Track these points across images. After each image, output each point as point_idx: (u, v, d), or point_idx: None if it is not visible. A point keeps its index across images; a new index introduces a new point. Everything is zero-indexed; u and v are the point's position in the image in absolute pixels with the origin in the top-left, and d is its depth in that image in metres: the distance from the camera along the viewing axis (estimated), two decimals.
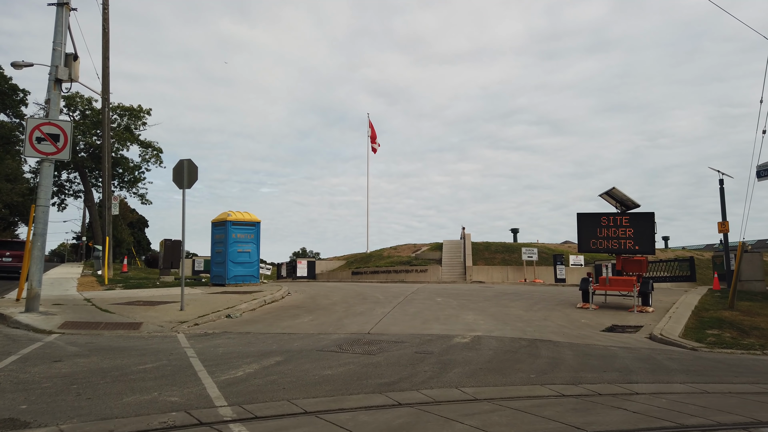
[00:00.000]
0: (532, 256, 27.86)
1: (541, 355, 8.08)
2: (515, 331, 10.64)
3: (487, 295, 18.27)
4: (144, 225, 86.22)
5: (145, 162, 43.63)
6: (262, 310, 12.44)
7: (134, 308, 11.82)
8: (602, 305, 15.78)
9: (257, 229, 18.55)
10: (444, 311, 13.33)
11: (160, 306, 12.13)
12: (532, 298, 17.59)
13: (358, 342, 8.76)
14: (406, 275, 28.74)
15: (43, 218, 10.67)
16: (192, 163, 11.58)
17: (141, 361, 6.95)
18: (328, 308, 13.09)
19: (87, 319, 10.37)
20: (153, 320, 10.41)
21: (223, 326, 10.35)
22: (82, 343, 8.31)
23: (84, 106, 39.32)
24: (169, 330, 9.73)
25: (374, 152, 41.86)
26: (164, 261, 21.41)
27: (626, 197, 15.90)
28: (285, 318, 11.46)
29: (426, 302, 15.11)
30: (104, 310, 11.41)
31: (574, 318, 13.50)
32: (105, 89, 24.36)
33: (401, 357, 7.51)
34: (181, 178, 11.51)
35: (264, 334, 9.53)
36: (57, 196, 43.74)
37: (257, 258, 18.58)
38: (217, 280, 18.35)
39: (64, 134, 10.78)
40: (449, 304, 14.79)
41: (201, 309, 11.71)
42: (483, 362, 7.37)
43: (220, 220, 18.37)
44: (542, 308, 15.06)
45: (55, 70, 10.79)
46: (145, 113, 41.48)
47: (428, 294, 17.68)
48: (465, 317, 12.47)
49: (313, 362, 7.06)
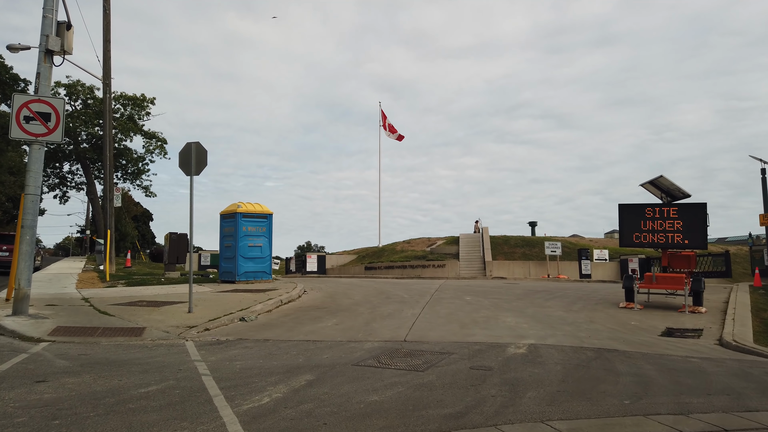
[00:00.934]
0: (556, 250, 26.51)
1: (619, 371, 6.76)
2: (568, 337, 9.34)
3: (516, 293, 16.96)
4: (148, 218, 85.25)
5: (149, 153, 42.39)
6: (279, 312, 11.17)
7: (136, 310, 10.57)
8: (646, 304, 14.45)
9: (269, 222, 17.27)
10: (479, 312, 12.03)
11: (165, 307, 10.88)
12: (566, 297, 16.27)
13: (397, 353, 7.48)
14: (423, 270, 27.44)
15: (33, 209, 9.40)
16: (200, 147, 10.28)
17: (143, 380, 5.68)
18: (351, 309, 11.81)
19: (82, 323, 9.12)
20: (158, 325, 9.15)
21: (237, 332, 9.09)
22: (74, 354, 7.05)
23: (86, 94, 38.07)
24: (176, 337, 8.47)
25: (400, 140, 40.39)
26: (169, 256, 20.16)
27: (675, 186, 14.50)
28: (306, 321, 10.18)
29: (455, 302, 13.82)
30: (103, 312, 10.16)
31: (621, 320, 12.19)
32: (106, 74, 23.08)
33: (456, 375, 6.22)
34: (188, 164, 10.22)
35: (285, 342, 8.25)
36: (59, 188, 42.63)
37: (269, 253, 17.30)
38: (226, 276, 17.09)
39: (56, 113, 9.49)
40: (481, 304, 13.50)
41: (211, 311, 10.45)
42: (557, 382, 6.07)
43: (229, 211, 17.09)
44: (582, 308, 13.75)
45: (45, 40, 9.48)
46: (148, 103, 40.18)
47: (454, 292, 16.38)
48: (504, 319, 11.18)
49: (352, 382, 5.77)
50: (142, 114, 40.76)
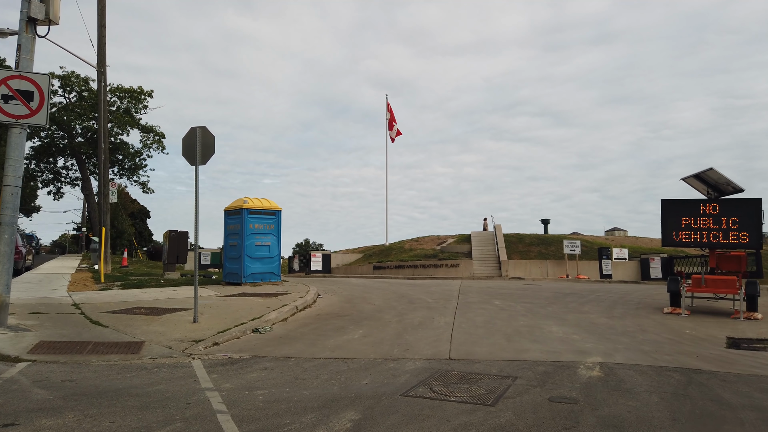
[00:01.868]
0: (575, 249, 25.26)
1: (731, 403, 5.49)
2: (634, 352, 8.07)
3: (544, 296, 15.70)
4: (146, 216, 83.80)
5: (147, 148, 41.01)
6: (296, 321, 9.87)
7: (134, 319, 9.26)
8: (692, 310, 13.19)
9: (277, 219, 15.95)
10: (517, 320, 10.76)
11: (166, 316, 9.57)
12: (600, 300, 15.02)
13: (449, 376, 6.20)
14: (436, 270, 26.17)
15: (13, 202, 8.08)
16: (207, 132, 8.96)
17: (141, 421, 4.40)
18: (375, 317, 10.52)
19: (71, 336, 7.81)
20: (158, 338, 7.85)
21: (251, 346, 7.79)
22: (57, 381, 5.74)
23: (81, 86, 36.64)
24: (181, 354, 7.18)
25: (392, 141, 39.23)
26: (169, 255, 18.84)
27: (725, 180, 13.21)
28: (329, 333, 8.88)
29: (486, 307, 12.55)
30: (95, 323, 8.85)
31: (673, 327, 10.92)
32: (101, 61, 21.71)
33: (537, 411, 4.94)
34: (192, 151, 8.90)
35: (310, 361, 6.96)
36: (53, 184, 41.21)
37: (278, 252, 15.99)
38: (231, 278, 15.77)
39: (40, 92, 8.16)
40: (515, 310, 12.23)
41: (219, 320, 9.15)
42: (667, 422, 4.79)
43: (234, 207, 15.76)
44: (624, 314, 12.50)
45: (27, 6, 8.15)
46: (146, 95, 38.78)
47: (478, 295, 15.12)
48: (549, 329, 9.91)
49: (410, 423, 4.50)
50: (139, 107, 39.36)
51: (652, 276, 26.57)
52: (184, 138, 9.04)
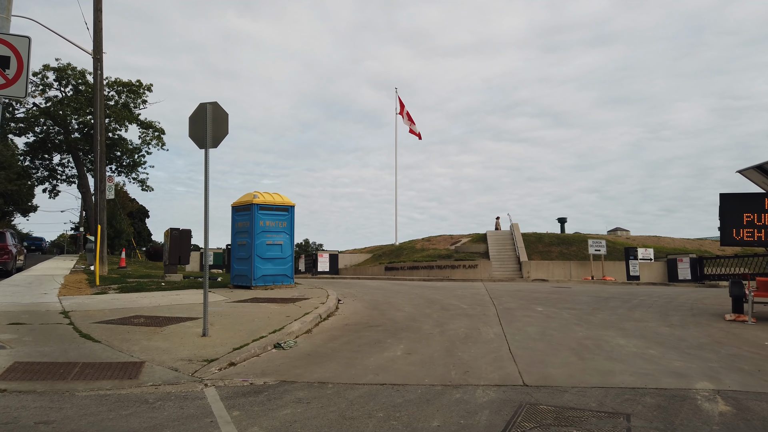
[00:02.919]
0: (600, 249, 23.84)
1: None
2: (735, 373, 6.66)
3: (583, 300, 14.31)
4: (144, 216, 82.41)
5: (146, 144, 39.61)
6: (322, 333, 8.44)
7: (131, 331, 7.84)
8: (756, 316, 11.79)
9: (290, 216, 14.52)
10: (572, 331, 9.35)
11: (170, 327, 8.15)
12: (647, 305, 13.63)
13: (538, 413, 4.79)
14: (452, 271, 24.73)
15: None
16: (218, 109, 7.53)
17: None
18: (411, 327, 9.10)
19: (54, 355, 6.39)
20: (161, 357, 6.43)
21: (276, 367, 6.37)
22: (29, 423, 4.32)
23: (77, 79, 35.19)
24: (190, 378, 5.76)
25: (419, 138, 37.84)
26: (170, 255, 17.39)
27: None
28: (364, 348, 7.45)
29: (529, 314, 11.15)
30: (85, 336, 7.42)
31: (748, 338, 9.51)
32: (97, 48, 20.28)
33: None
34: (201, 131, 7.47)
35: (353, 389, 5.53)
36: (48, 181, 39.76)
37: (291, 252, 14.55)
38: (239, 281, 14.34)
39: (18, 58, 6.74)
40: (563, 318, 10.83)
41: (233, 332, 7.73)
42: None
43: (243, 203, 14.32)
44: (684, 322, 11.10)
45: None
46: (145, 89, 37.38)
47: (513, 299, 13.72)
48: (615, 341, 8.50)
49: None
50: (137, 102, 37.94)
51: (680, 278, 25.20)
52: (191, 116, 7.61)
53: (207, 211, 7.46)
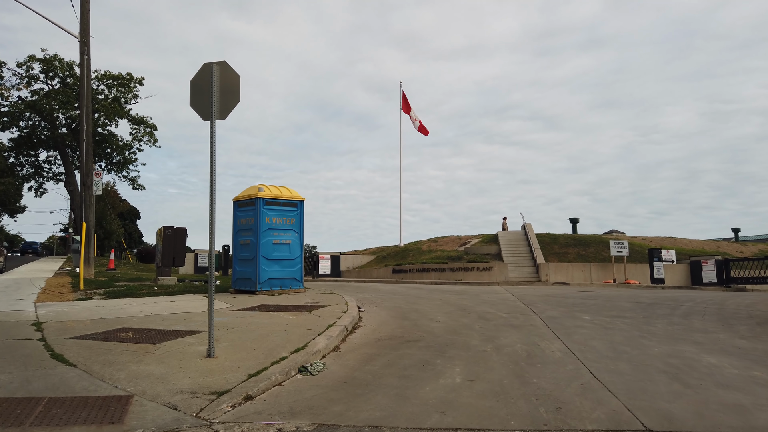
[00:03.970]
0: (622, 251, 22.44)
1: None
2: None
3: (625, 306, 12.86)
4: (135, 216, 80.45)
5: (137, 141, 37.89)
6: (353, 350, 6.88)
7: (117, 350, 6.26)
8: None
9: (299, 212, 12.96)
10: (646, 347, 7.88)
11: (166, 344, 6.58)
12: (699, 312, 12.18)
13: None
14: (465, 274, 23.23)
15: None
16: (228, 70, 5.97)
17: None
18: (457, 343, 7.57)
19: (10, 388, 4.81)
20: (155, 387, 4.87)
21: (307, 402, 4.83)
22: None
23: (64, 71, 33.43)
24: (194, 421, 4.22)
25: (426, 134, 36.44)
26: (164, 256, 15.78)
27: None
28: (412, 372, 5.92)
29: (582, 324, 9.67)
30: (57, 358, 5.84)
31: None
32: (84, 31, 18.66)
33: None
34: (206, 98, 5.92)
35: None
36: (34, 179, 37.90)
37: (300, 253, 12.98)
38: (242, 285, 12.75)
39: None
40: (621, 329, 9.37)
41: (246, 352, 6.17)
42: None
43: (246, 197, 12.74)
44: (756, 332, 9.65)
45: None
46: (136, 82, 35.68)
47: (552, 306, 12.24)
48: (706, 360, 7.04)
49: None
50: (128, 96, 36.22)
51: (705, 281, 23.86)
52: (193, 80, 6.05)
53: (213, 195, 5.90)
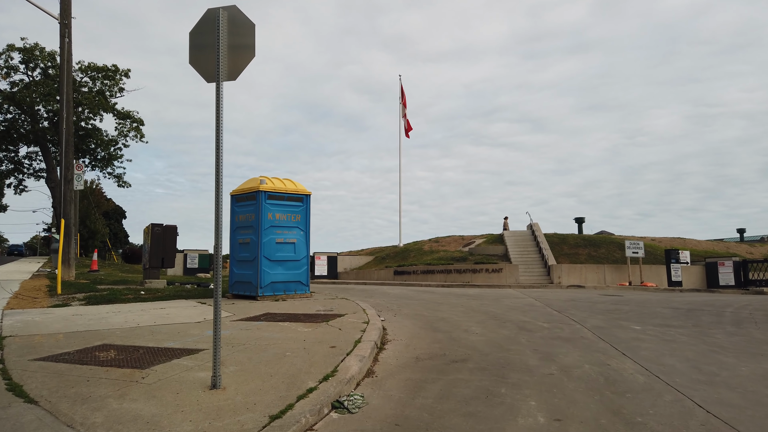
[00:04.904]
0: (638, 252, 21.34)
1: None
2: None
3: (664, 313, 11.68)
4: (121, 216, 78.39)
5: (123, 136, 36.16)
6: (394, 377, 5.55)
7: (94, 378, 4.88)
8: None
9: (306, 207, 11.61)
10: (731, 365, 6.66)
11: (157, 369, 5.19)
12: (747, 320, 11.05)
13: None
14: (473, 276, 21.97)
15: None
16: (239, 16, 4.64)
17: None
18: (513, 363, 6.26)
19: None
20: None
21: None
22: None
23: (46, 62, 31.68)
24: None
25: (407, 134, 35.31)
26: (152, 256, 14.33)
27: None
28: (477, 408, 4.61)
29: (638, 336, 8.45)
30: (15, 390, 4.44)
31: None
32: (65, 11, 17.15)
33: None
34: (209, 53, 4.58)
35: None
36: (13, 175, 36.03)
37: (306, 253, 11.61)
38: (241, 289, 11.34)
39: None
40: (684, 342, 8.16)
41: (261, 381, 4.81)
42: None
43: (246, 190, 11.35)
44: None
45: None
46: (122, 75, 34.00)
47: (588, 313, 11.03)
48: None
49: None
50: (114, 89, 34.49)
51: (722, 283, 22.84)
52: (193, 31, 4.70)
53: (219, 175, 4.54)
